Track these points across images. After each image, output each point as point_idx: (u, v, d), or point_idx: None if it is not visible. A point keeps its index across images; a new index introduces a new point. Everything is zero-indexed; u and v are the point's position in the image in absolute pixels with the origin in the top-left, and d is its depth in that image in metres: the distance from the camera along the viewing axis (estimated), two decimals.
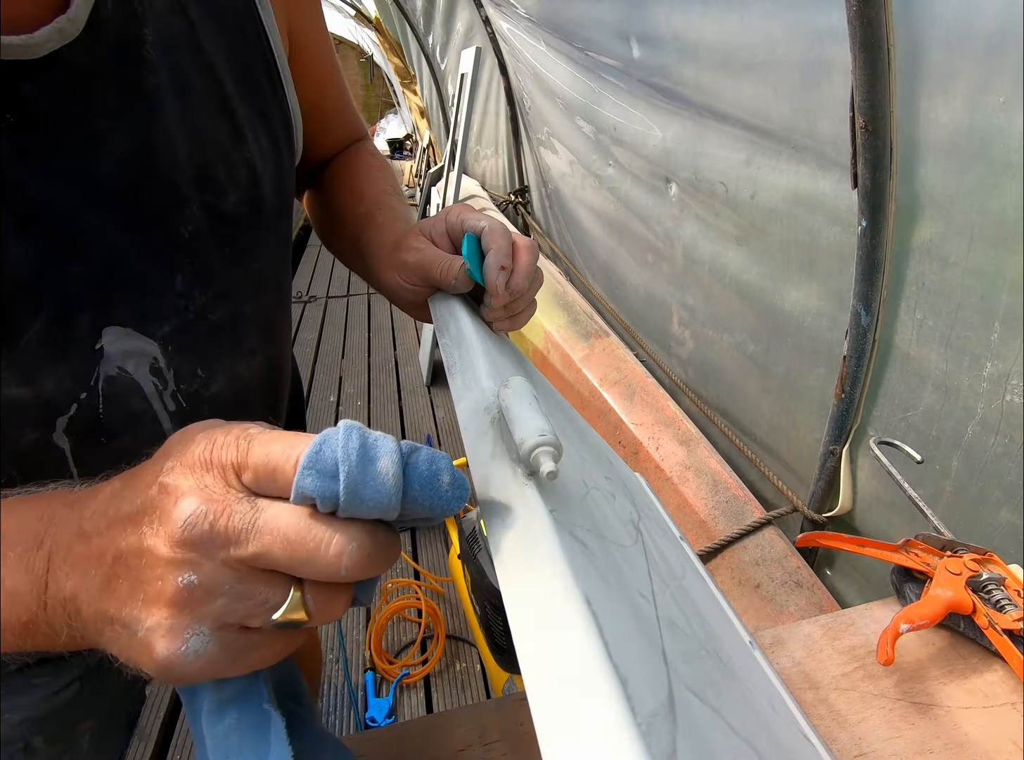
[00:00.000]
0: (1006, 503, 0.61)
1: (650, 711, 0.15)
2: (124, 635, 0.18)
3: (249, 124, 0.36)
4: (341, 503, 0.17)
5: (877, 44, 0.55)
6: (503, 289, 0.35)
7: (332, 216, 0.50)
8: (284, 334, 0.48)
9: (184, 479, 0.18)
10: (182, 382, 0.36)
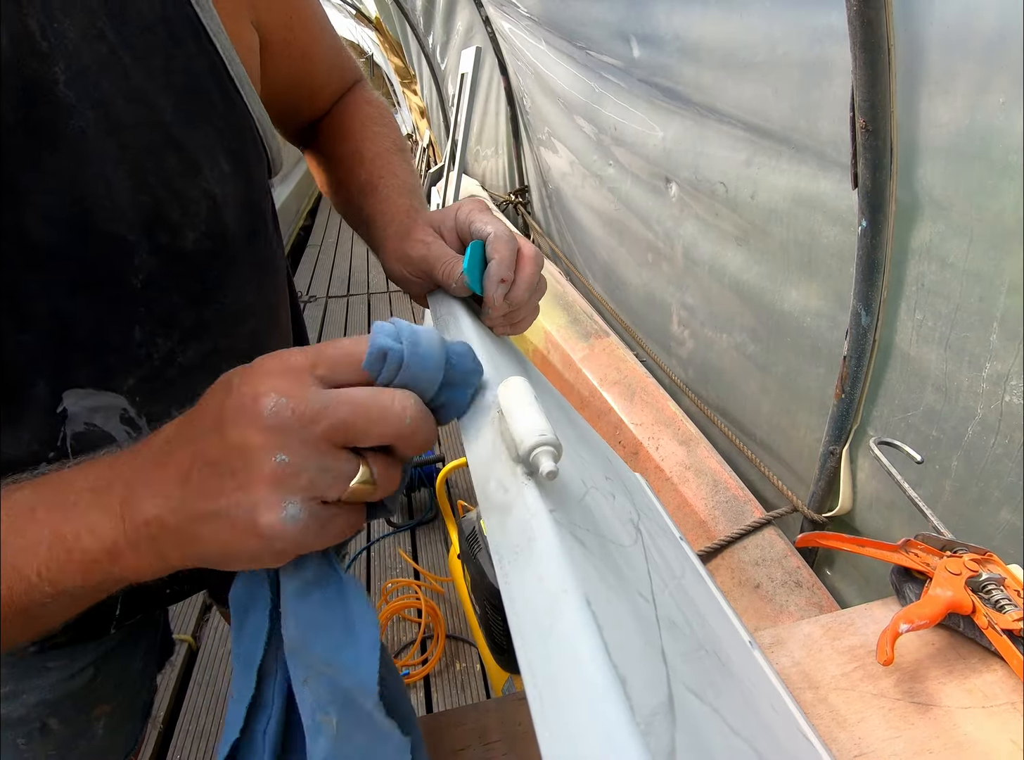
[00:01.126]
0: (1006, 503, 0.61)
1: (649, 711, 0.15)
2: (225, 524, 0.20)
3: (203, 149, 0.31)
4: (405, 359, 0.22)
5: (877, 44, 0.55)
6: (500, 302, 0.34)
7: (334, 180, 0.47)
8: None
9: (258, 383, 0.21)
10: (155, 427, 0.34)
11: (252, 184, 0.36)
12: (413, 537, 1.63)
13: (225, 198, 0.33)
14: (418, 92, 3.77)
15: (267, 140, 0.37)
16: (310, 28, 0.42)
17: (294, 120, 0.48)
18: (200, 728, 1.17)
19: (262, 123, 0.36)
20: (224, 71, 0.32)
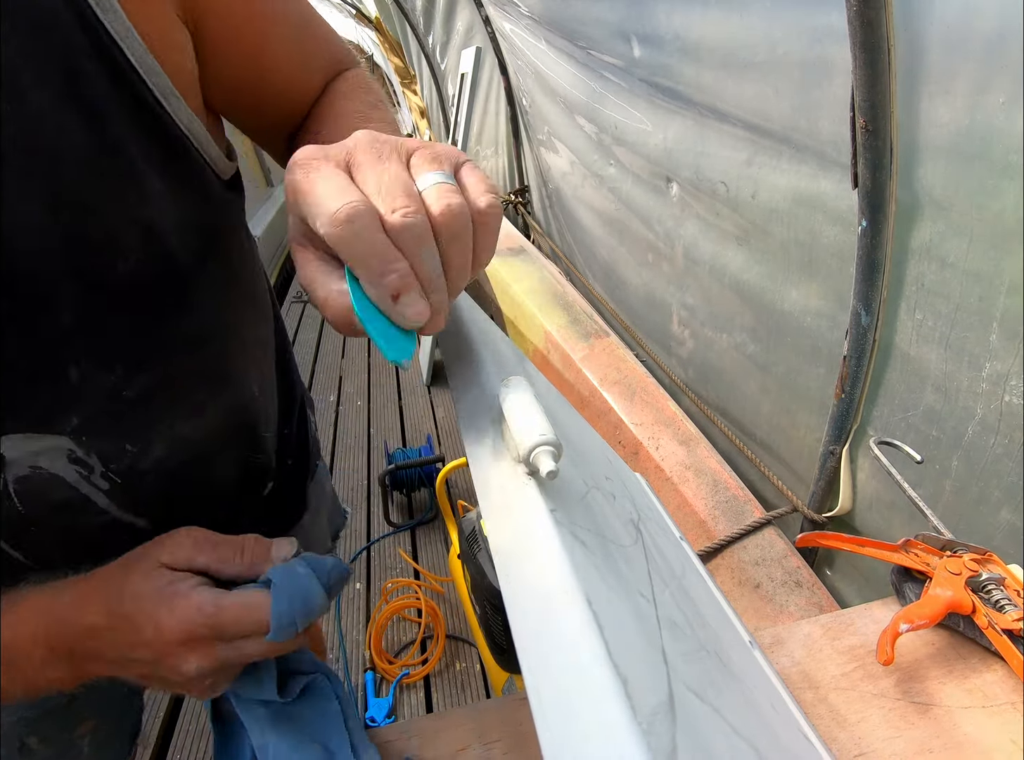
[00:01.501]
0: (1006, 503, 0.61)
1: (650, 710, 0.15)
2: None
3: (128, 170, 0.28)
4: (298, 626, 0.30)
5: (877, 44, 0.55)
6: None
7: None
8: (258, 370, 0.42)
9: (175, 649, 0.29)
10: (110, 462, 0.33)
11: (199, 201, 0.32)
12: (413, 537, 1.63)
13: (164, 221, 0.30)
14: (418, 92, 3.77)
15: (204, 149, 0.32)
16: (263, 21, 0.35)
17: (269, 132, 0.41)
18: (200, 727, 1.17)
19: (193, 132, 0.31)
20: (140, 82, 0.27)
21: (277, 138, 0.41)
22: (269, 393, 0.46)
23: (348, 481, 1.87)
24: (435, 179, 0.22)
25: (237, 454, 0.42)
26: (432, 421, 2.12)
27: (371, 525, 1.68)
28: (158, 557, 0.31)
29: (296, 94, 0.40)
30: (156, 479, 0.36)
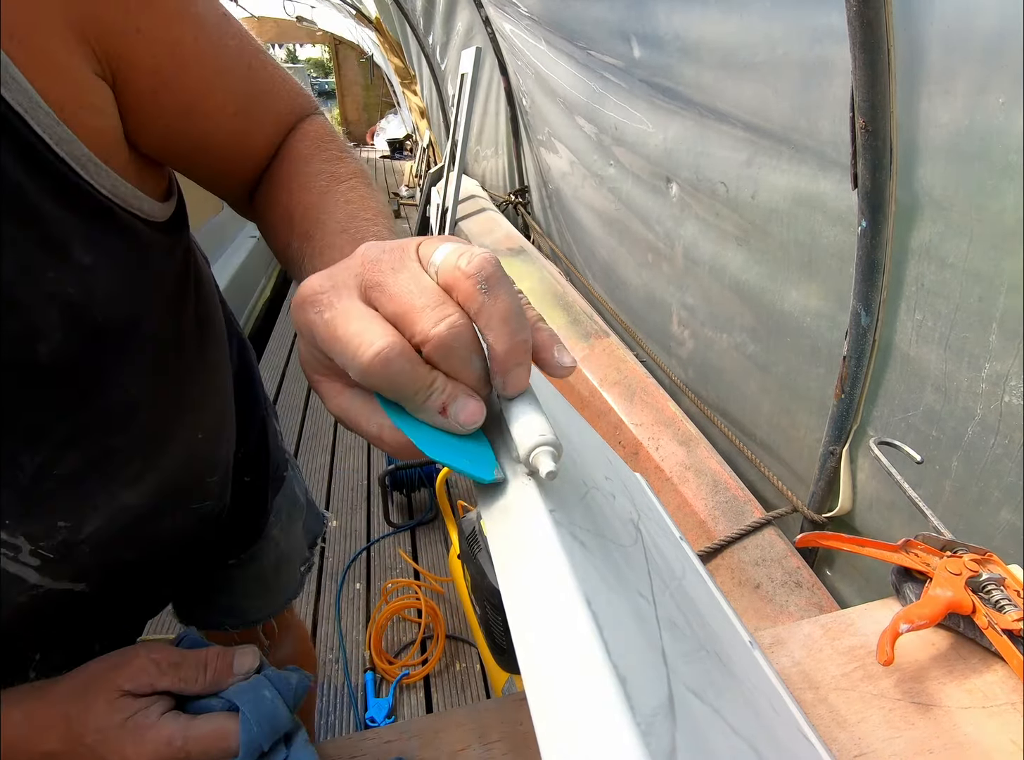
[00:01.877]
0: (1006, 503, 0.61)
1: (650, 711, 0.15)
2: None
3: (45, 247, 0.26)
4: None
5: (877, 44, 0.55)
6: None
7: (280, 258, 0.37)
8: (205, 416, 0.40)
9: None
10: (40, 540, 0.31)
11: (130, 263, 0.30)
12: (413, 537, 1.63)
13: (89, 294, 0.28)
14: (418, 92, 3.77)
15: (133, 207, 0.30)
16: (198, 74, 0.31)
17: (219, 182, 0.38)
18: None
19: (118, 194, 0.28)
20: (49, 154, 0.25)
21: (232, 189, 0.39)
22: (220, 430, 0.44)
23: (348, 481, 1.87)
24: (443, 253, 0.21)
25: (183, 507, 0.41)
26: None
27: (371, 525, 1.68)
28: (119, 684, 0.30)
29: (245, 147, 0.36)
30: (94, 548, 0.34)
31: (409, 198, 4.44)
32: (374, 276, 0.20)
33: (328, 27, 6.61)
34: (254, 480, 0.54)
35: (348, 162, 0.36)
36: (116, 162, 0.28)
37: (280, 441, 0.60)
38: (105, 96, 0.28)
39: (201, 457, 0.41)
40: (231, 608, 0.61)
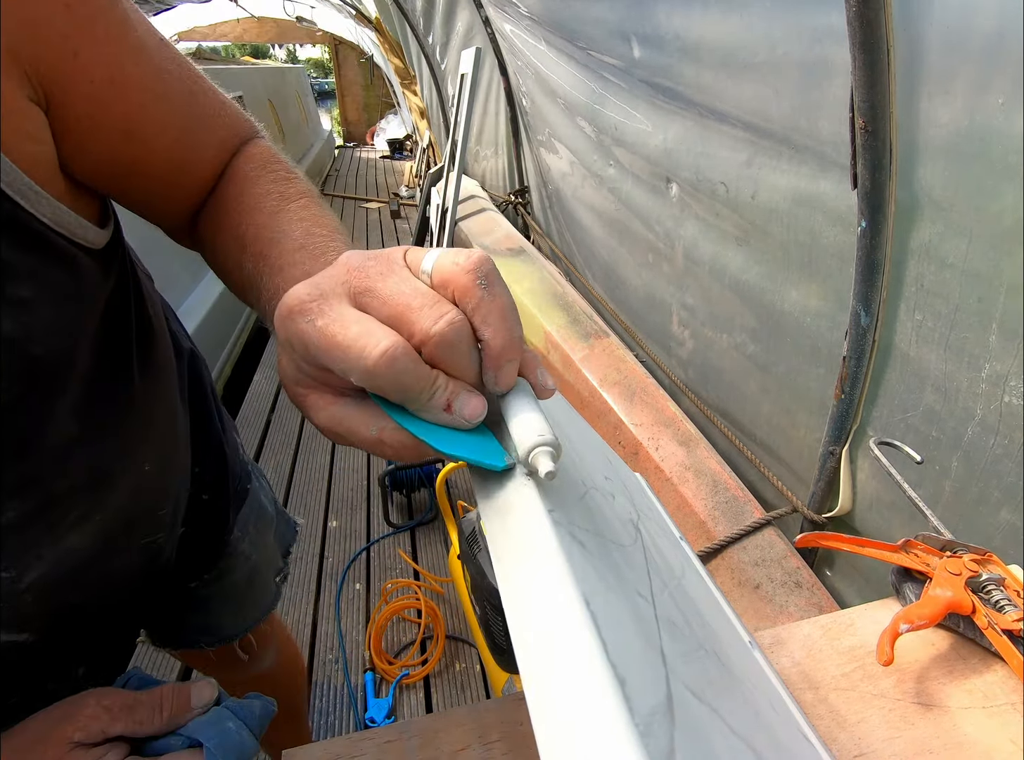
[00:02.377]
0: (1006, 504, 0.61)
1: (648, 711, 0.15)
2: None
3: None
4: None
5: (877, 45, 0.55)
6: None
7: (232, 284, 0.36)
8: (153, 446, 0.39)
9: None
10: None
11: (67, 296, 0.28)
12: (413, 537, 1.63)
13: (26, 329, 0.26)
14: (418, 93, 3.77)
15: (73, 235, 0.29)
16: (135, 100, 0.30)
17: (155, 209, 0.36)
18: None
19: (59, 221, 0.27)
20: None
21: (170, 214, 0.37)
22: (169, 457, 0.42)
23: (348, 481, 1.87)
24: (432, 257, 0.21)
25: (134, 543, 0.39)
26: None
27: (371, 526, 1.68)
28: (69, 736, 0.29)
29: (186, 172, 0.35)
30: (38, 596, 0.32)
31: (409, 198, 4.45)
32: (363, 282, 0.20)
33: (328, 27, 6.61)
34: (213, 499, 0.52)
35: (296, 182, 0.35)
36: (53, 189, 0.27)
37: (241, 453, 0.58)
38: (39, 122, 0.27)
39: (150, 488, 0.39)
40: (205, 626, 0.60)
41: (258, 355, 2.62)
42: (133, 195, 0.34)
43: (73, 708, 0.30)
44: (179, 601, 0.55)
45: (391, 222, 4.39)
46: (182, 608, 0.56)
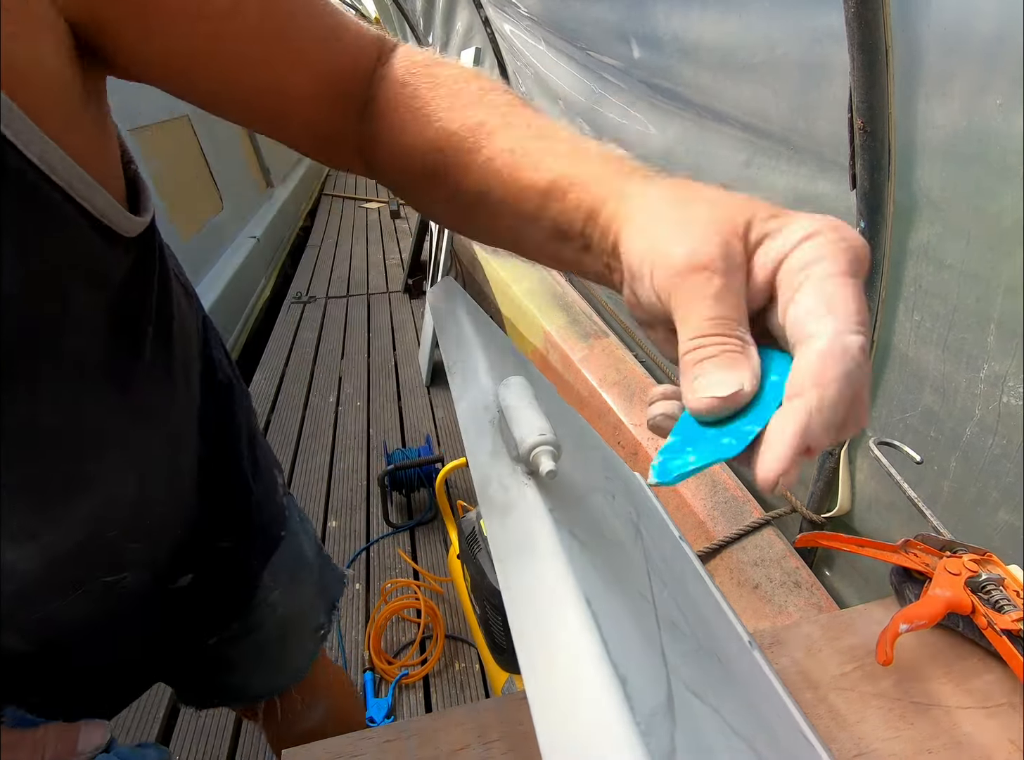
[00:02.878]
0: (1004, 504, 0.61)
1: (649, 711, 0.15)
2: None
3: None
4: None
5: (875, 45, 0.55)
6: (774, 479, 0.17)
7: (441, 191, 0.28)
8: (137, 480, 0.33)
9: None
10: None
11: (42, 263, 0.24)
12: (412, 537, 1.63)
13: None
14: None
15: (81, 196, 0.24)
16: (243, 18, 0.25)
17: (303, 140, 0.31)
18: (200, 727, 1.17)
19: (52, 166, 0.22)
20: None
21: (313, 147, 0.31)
22: (155, 486, 0.36)
23: (347, 481, 1.86)
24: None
25: (91, 580, 0.33)
26: (431, 421, 2.12)
27: (370, 525, 1.68)
28: None
29: (327, 92, 0.29)
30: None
31: None
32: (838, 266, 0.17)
33: None
34: (235, 546, 0.46)
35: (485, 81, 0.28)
36: (69, 140, 0.23)
37: (278, 496, 0.52)
38: (53, 46, 0.22)
39: (122, 518, 0.34)
40: (230, 687, 0.54)
41: (258, 355, 2.62)
42: (237, 87, 0.28)
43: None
44: (199, 658, 0.49)
45: (391, 222, 4.39)
46: (204, 666, 0.50)
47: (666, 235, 0.19)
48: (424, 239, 2.73)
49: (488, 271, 1.89)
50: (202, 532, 0.42)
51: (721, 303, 0.18)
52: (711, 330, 0.18)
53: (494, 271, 1.84)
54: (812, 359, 0.16)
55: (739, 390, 0.18)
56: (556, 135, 0.25)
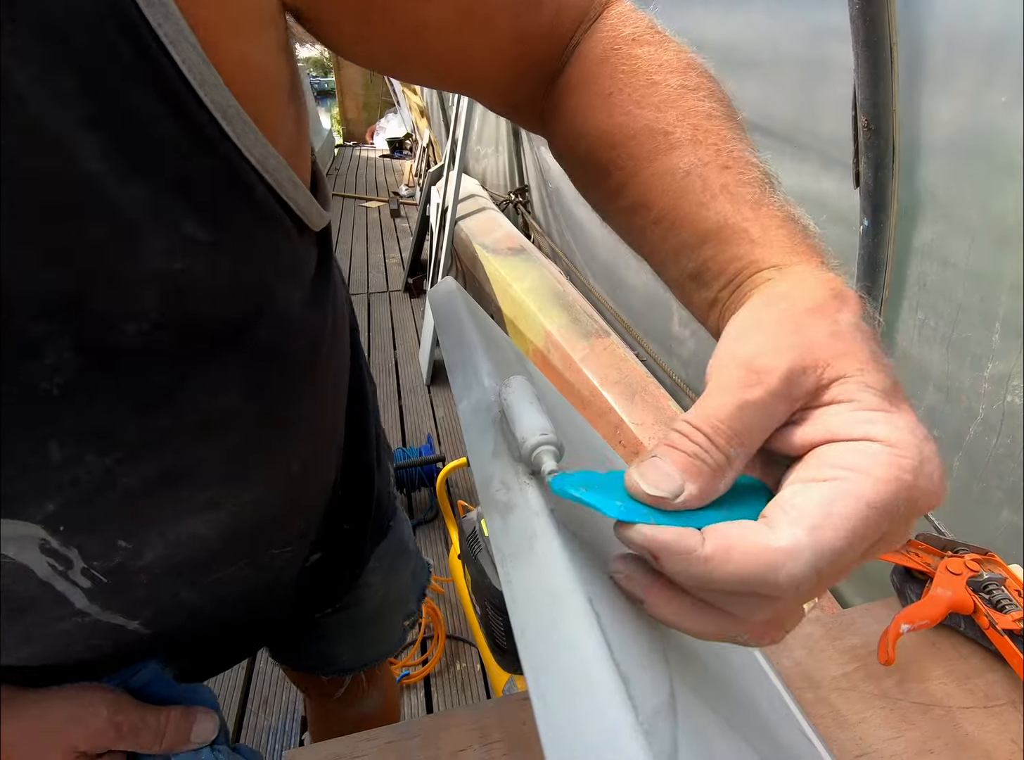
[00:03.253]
0: (1008, 504, 0.61)
1: (652, 710, 0.15)
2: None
3: (151, 211, 0.21)
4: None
5: (879, 42, 0.55)
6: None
7: (596, 184, 0.28)
8: (307, 446, 0.35)
9: None
10: (93, 559, 0.27)
11: (248, 255, 0.24)
12: (413, 537, 1.63)
13: (196, 278, 0.23)
14: (418, 91, 3.77)
15: (283, 191, 0.25)
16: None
17: (499, 94, 0.30)
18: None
19: (266, 166, 0.23)
20: (189, 97, 0.20)
21: (503, 102, 0.31)
22: (317, 468, 0.38)
23: None
24: None
25: (260, 551, 0.36)
26: (432, 421, 2.12)
27: None
28: (75, 744, 0.29)
29: (521, 57, 0.28)
30: (153, 580, 0.30)
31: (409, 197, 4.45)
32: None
33: None
34: (354, 529, 0.48)
35: (698, 75, 0.26)
36: (273, 132, 0.23)
37: (391, 486, 0.55)
38: (271, 35, 0.22)
39: (289, 495, 0.36)
40: (321, 654, 0.56)
41: None
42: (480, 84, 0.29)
43: (84, 712, 0.30)
44: (300, 627, 0.52)
45: (391, 221, 4.39)
46: (302, 634, 0.53)
47: (754, 341, 0.19)
48: (424, 238, 2.73)
49: (488, 270, 1.89)
50: (332, 513, 0.45)
51: (742, 414, 0.17)
52: (709, 432, 0.17)
53: (495, 270, 1.84)
54: (750, 551, 0.16)
55: (669, 499, 0.17)
56: (740, 168, 0.23)
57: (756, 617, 0.17)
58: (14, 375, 0.21)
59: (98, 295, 0.21)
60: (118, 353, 0.23)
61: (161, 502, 0.28)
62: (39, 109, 0.18)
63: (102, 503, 0.26)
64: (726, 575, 0.16)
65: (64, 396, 0.22)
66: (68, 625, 0.29)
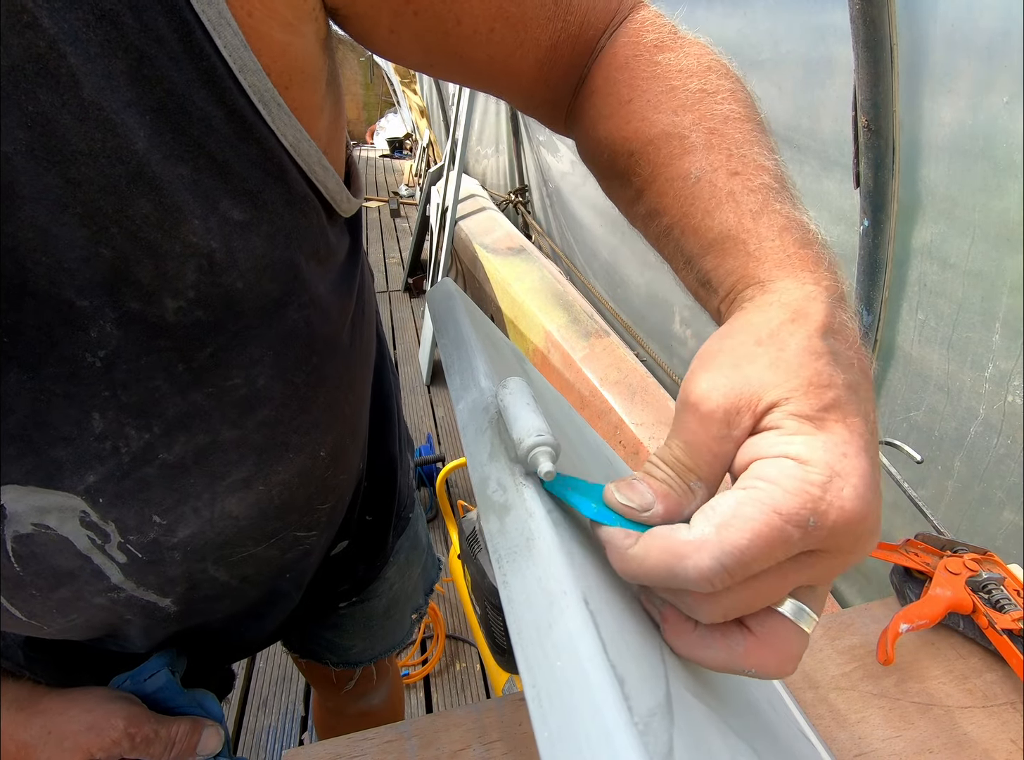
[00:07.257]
0: (1008, 504, 0.61)
1: (647, 710, 0.15)
2: None
3: (193, 191, 0.22)
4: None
5: (880, 43, 0.55)
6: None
7: (618, 189, 0.30)
8: (336, 432, 0.35)
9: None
10: (129, 533, 0.28)
11: (279, 235, 0.25)
12: None
13: (231, 255, 0.24)
14: (418, 91, 3.77)
15: (314, 175, 0.26)
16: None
17: (529, 97, 0.31)
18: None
19: (299, 150, 0.24)
20: (229, 81, 0.21)
21: (534, 106, 0.32)
22: (344, 453, 0.39)
23: None
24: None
25: (288, 532, 0.37)
26: (432, 421, 2.12)
27: None
28: (92, 752, 0.31)
29: (539, 42, 0.28)
30: (185, 557, 0.31)
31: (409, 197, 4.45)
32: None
33: None
34: (376, 521, 0.50)
35: (722, 77, 0.26)
36: (308, 118, 0.24)
37: (410, 478, 0.56)
38: (305, 26, 0.23)
39: (317, 478, 0.36)
40: (333, 644, 0.57)
41: None
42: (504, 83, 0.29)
43: (102, 723, 0.32)
44: (318, 617, 0.53)
45: (391, 221, 4.39)
46: (316, 622, 0.54)
47: (705, 380, 0.20)
48: (424, 238, 2.73)
49: (488, 270, 1.89)
50: (355, 503, 0.46)
51: (691, 454, 0.20)
52: (671, 465, 0.20)
53: (495, 270, 1.84)
54: (664, 546, 0.18)
55: (637, 511, 0.19)
56: (749, 173, 0.24)
57: (704, 615, 0.19)
58: (61, 348, 0.22)
59: (141, 271, 0.22)
60: (158, 328, 0.24)
61: (196, 479, 0.28)
62: (91, 89, 0.19)
63: (140, 477, 0.27)
64: (648, 569, 0.18)
65: (107, 370, 0.24)
66: (103, 600, 0.30)
